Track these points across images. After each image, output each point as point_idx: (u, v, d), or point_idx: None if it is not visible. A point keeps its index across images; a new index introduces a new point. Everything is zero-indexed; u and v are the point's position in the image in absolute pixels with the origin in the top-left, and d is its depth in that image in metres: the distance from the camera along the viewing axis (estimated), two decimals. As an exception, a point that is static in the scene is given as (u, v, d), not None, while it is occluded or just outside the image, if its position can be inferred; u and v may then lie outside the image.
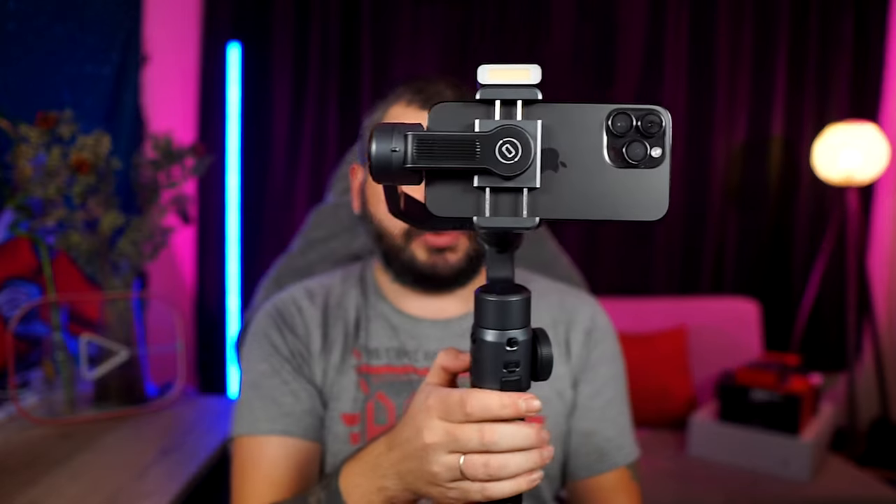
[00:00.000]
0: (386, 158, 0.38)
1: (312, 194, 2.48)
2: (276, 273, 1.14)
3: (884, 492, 1.77)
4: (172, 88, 2.29)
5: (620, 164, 0.39)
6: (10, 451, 1.02)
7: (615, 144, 0.39)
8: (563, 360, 0.85)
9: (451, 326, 0.85)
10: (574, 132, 0.39)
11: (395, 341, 0.84)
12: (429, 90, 0.79)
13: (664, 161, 0.39)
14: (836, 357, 2.61)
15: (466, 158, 0.37)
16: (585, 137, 0.39)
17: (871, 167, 2.30)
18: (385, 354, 0.83)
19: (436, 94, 0.78)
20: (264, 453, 0.75)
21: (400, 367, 0.82)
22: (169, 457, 1.03)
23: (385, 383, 0.81)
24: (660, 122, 0.38)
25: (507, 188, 0.38)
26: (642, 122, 0.38)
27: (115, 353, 1.22)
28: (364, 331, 0.84)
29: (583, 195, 0.39)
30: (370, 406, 0.80)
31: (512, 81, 0.38)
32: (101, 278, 1.25)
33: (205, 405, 1.33)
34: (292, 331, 0.83)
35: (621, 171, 0.39)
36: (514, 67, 0.39)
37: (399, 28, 2.51)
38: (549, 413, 0.82)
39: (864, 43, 2.57)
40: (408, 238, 0.78)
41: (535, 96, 0.39)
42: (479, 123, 0.38)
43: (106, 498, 0.87)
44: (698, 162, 2.61)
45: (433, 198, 0.39)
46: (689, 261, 2.64)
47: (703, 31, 2.57)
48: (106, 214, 1.20)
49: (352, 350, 0.83)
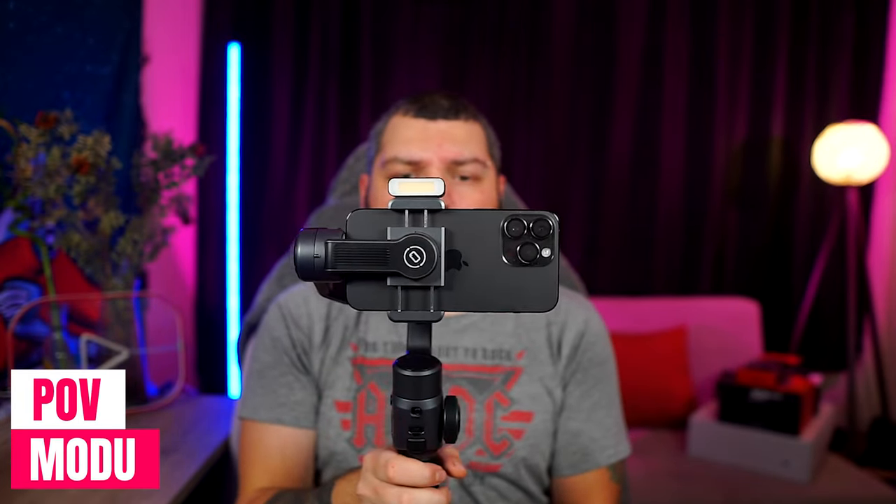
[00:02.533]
0: (309, 263, 0.44)
1: (312, 194, 2.48)
2: (279, 273, 1.14)
3: (884, 492, 1.77)
4: (172, 88, 2.29)
5: (515, 263, 0.45)
6: (9, 450, 1.02)
7: (510, 246, 0.44)
8: (553, 360, 0.88)
9: (450, 324, 0.89)
10: (475, 235, 0.45)
11: (394, 336, 0.88)
12: (424, 100, 0.85)
13: (553, 260, 0.44)
14: (836, 357, 2.60)
15: (378, 264, 0.43)
16: (485, 240, 0.45)
17: (871, 167, 2.30)
18: (382, 348, 0.87)
19: (431, 103, 0.84)
20: (262, 440, 0.85)
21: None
22: (169, 457, 1.03)
23: (377, 374, 0.86)
24: (549, 226, 0.44)
25: (416, 286, 0.44)
26: (534, 226, 0.44)
27: (115, 353, 1.22)
28: (364, 325, 0.89)
29: (482, 290, 0.45)
30: (362, 396, 0.85)
31: (419, 193, 0.44)
32: (101, 278, 1.25)
33: (205, 405, 1.33)
34: (296, 323, 0.89)
35: (516, 269, 0.45)
36: (420, 181, 0.44)
37: (399, 28, 2.51)
38: (538, 409, 0.85)
39: (865, 43, 2.57)
40: None
41: (439, 206, 0.44)
42: (391, 231, 0.44)
43: (106, 498, 0.87)
44: (698, 162, 2.61)
45: (353, 294, 0.46)
46: (689, 261, 2.64)
47: (703, 31, 2.57)
48: (106, 214, 1.20)
49: (349, 343, 0.88)
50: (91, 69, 1.64)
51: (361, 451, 0.83)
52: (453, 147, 0.82)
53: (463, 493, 0.83)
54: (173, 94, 2.30)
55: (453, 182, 0.83)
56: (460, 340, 0.88)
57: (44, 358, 1.22)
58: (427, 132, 0.83)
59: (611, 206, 2.61)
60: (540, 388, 0.86)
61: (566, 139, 2.59)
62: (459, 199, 0.83)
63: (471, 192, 0.83)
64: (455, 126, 0.84)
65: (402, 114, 0.86)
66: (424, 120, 0.84)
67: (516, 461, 0.84)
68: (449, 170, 0.82)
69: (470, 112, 0.87)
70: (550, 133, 2.58)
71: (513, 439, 0.84)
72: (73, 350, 1.23)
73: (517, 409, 0.85)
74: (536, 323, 0.90)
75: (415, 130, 0.83)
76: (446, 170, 0.82)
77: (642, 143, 2.61)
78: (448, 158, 0.82)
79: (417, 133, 0.83)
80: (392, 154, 0.83)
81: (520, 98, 2.55)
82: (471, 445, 0.84)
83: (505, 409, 0.84)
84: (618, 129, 2.60)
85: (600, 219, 2.62)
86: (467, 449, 0.83)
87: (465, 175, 0.83)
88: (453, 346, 0.87)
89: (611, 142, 2.60)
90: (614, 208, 2.61)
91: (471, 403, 0.85)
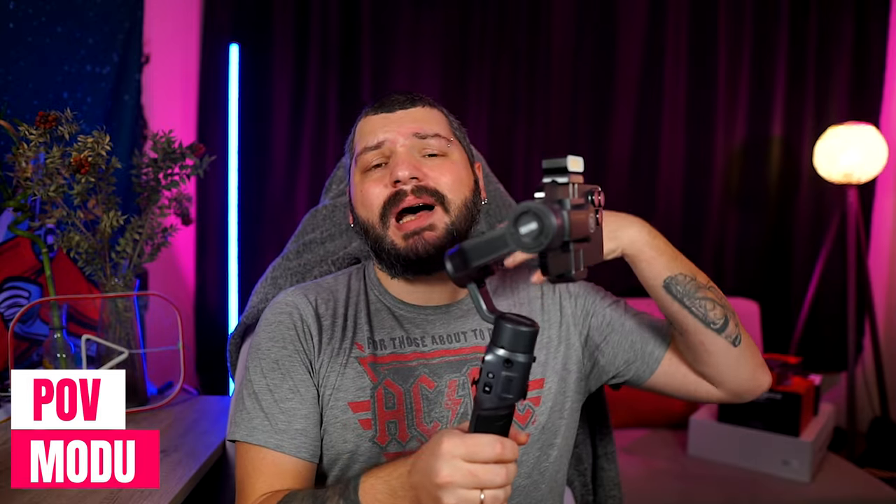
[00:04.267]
0: (561, 232, 0.52)
1: (312, 194, 2.47)
2: (272, 274, 1.14)
3: (883, 492, 1.77)
4: (172, 88, 2.29)
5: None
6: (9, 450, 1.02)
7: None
8: (561, 318, 0.92)
9: (452, 311, 0.90)
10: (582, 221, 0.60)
11: (400, 331, 0.89)
12: (381, 100, 0.90)
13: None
14: (836, 357, 2.60)
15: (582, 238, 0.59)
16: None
17: (871, 167, 2.30)
18: (391, 344, 0.87)
19: (387, 100, 0.89)
20: (264, 463, 0.81)
21: (407, 355, 0.87)
22: (169, 457, 1.03)
23: (392, 370, 0.86)
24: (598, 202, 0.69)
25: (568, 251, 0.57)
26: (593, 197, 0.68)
27: (115, 353, 1.22)
28: (368, 324, 0.89)
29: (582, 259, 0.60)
30: (379, 393, 0.84)
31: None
32: (101, 278, 1.25)
33: (205, 405, 1.33)
34: (296, 330, 0.87)
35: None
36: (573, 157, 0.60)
37: (399, 28, 2.50)
38: (547, 374, 0.89)
39: (864, 43, 2.57)
40: (384, 224, 0.84)
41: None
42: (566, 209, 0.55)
43: (106, 498, 0.87)
44: (698, 162, 2.61)
45: (553, 264, 0.58)
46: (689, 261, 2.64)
47: (703, 32, 2.57)
48: (106, 214, 1.20)
49: (355, 343, 0.87)
50: (91, 69, 1.64)
51: (386, 449, 0.83)
52: (413, 124, 0.86)
53: None
54: (173, 94, 2.30)
55: (422, 160, 0.85)
56: (465, 325, 0.90)
57: (44, 358, 1.22)
58: (388, 121, 0.87)
59: (610, 205, 2.59)
60: (545, 353, 0.89)
61: (566, 138, 2.59)
62: (431, 171, 0.84)
63: (440, 166, 0.85)
64: (413, 112, 0.88)
65: (364, 117, 0.91)
66: (384, 113, 0.88)
67: (539, 428, 0.86)
68: (414, 146, 0.85)
69: (427, 101, 0.91)
70: (550, 132, 2.58)
71: (533, 406, 0.86)
72: (73, 350, 1.23)
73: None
74: (531, 294, 0.94)
75: (376, 123, 0.88)
76: (411, 146, 0.85)
77: (642, 143, 2.60)
78: (409, 132, 0.85)
79: (379, 124, 0.87)
80: (360, 147, 0.87)
81: (520, 98, 2.55)
82: None
83: None
84: (617, 128, 2.60)
85: (600, 219, 2.61)
86: None
87: (431, 152, 0.86)
88: (462, 331, 0.89)
89: (610, 141, 2.60)
90: (614, 208, 2.59)
91: None
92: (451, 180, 0.85)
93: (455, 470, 0.58)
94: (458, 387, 0.85)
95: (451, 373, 0.86)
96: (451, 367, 0.86)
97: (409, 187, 0.82)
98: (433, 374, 0.86)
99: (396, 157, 0.84)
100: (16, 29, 1.36)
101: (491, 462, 0.59)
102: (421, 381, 0.85)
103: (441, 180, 0.84)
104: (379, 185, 0.84)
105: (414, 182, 0.82)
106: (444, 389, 0.85)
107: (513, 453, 0.60)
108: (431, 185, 0.83)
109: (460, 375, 0.86)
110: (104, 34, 1.69)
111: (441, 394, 0.85)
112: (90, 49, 1.63)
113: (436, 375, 0.86)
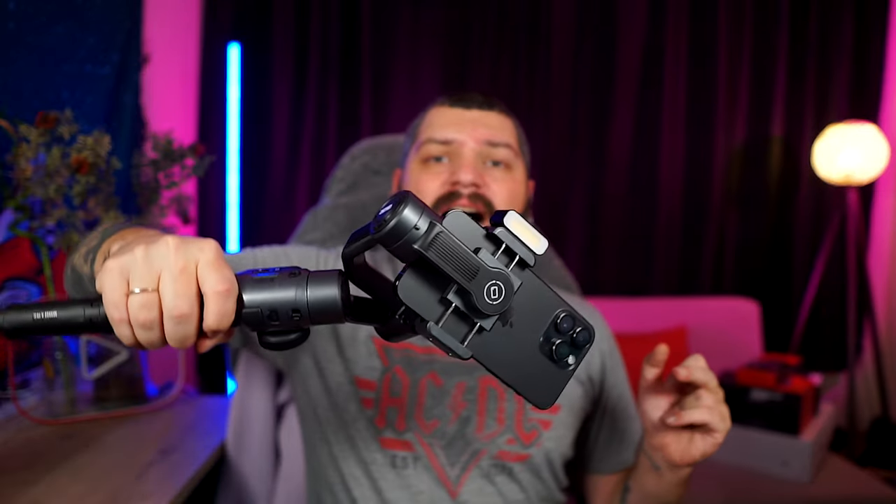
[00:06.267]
0: (405, 230, 0.40)
1: (312, 194, 2.48)
2: None
3: (883, 491, 1.77)
4: (172, 88, 2.29)
5: (544, 352, 0.45)
6: (10, 451, 1.02)
7: (550, 336, 0.44)
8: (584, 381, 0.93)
9: None
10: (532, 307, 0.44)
11: None
12: (460, 94, 0.90)
13: (570, 370, 0.45)
14: (836, 357, 2.60)
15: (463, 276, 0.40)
16: (535, 317, 0.44)
17: (871, 167, 2.30)
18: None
19: (466, 96, 0.88)
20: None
21: (419, 348, 0.87)
22: (169, 457, 1.03)
23: (405, 358, 0.86)
24: (588, 340, 0.45)
25: (466, 315, 0.42)
26: (578, 333, 0.45)
27: (115, 353, 1.22)
28: None
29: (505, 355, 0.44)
30: (387, 378, 0.85)
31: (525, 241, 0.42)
32: (101, 278, 1.25)
33: (205, 405, 1.33)
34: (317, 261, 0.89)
35: (540, 357, 0.44)
36: (534, 232, 0.42)
37: (399, 28, 2.51)
38: (563, 402, 0.89)
39: (864, 43, 2.57)
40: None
41: (531, 262, 0.43)
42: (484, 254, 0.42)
43: (106, 498, 0.87)
44: (698, 162, 2.61)
45: (407, 284, 0.42)
46: (689, 261, 2.64)
47: (703, 32, 2.57)
48: (106, 214, 1.20)
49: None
50: (91, 69, 1.64)
51: (382, 433, 0.83)
52: (487, 130, 0.86)
53: (484, 482, 0.83)
54: (173, 94, 2.30)
55: (485, 168, 0.85)
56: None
57: (44, 358, 1.22)
58: (462, 118, 0.87)
59: (611, 206, 2.61)
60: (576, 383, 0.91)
61: (566, 139, 2.59)
62: (492, 182, 0.84)
63: (503, 178, 0.85)
64: (489, 115, 0.88)
65: (438, 105, 0.90)
66: (460, 109, 0.88)
67: (543, 452, 0.86)
68: (482, 153, 0.85)
69: (504, 108, 0.91)
70: (550, 133, 2.58)
71: (541, 429, 0.86)
72: (73, 350, 1.23)
73: None
74: None
75: (450, 117, 0.87)
76: (480, 152, 0.85)
77: (642, 143, 2.61)
78: (482, 139, 0.85)
79: (453, 119, 0.87)
80: (427, 136, 0.87)
81: (520, 98, 2.55)
82: (502, 434, 0.85)
83: None
84: (618, 128, 2.60)
85: (600, 219, 2.62)
86: (498, 437, 0.84)
87: (497, 160, 0.86)
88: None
89: (611, 141, 2.60)
90: (614, 208, 2.61)
91: (502, 393, 0.86)
92: (507, 196, 0.85)
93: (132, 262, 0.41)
94: (465, 390, 0.85)
95: (462, 375, 0.86)
96: (463, 369, 0.86)
97: (467, 192, 0.82)
98: (444, 372, 0.86)
99: (462, 160, 0.84)
100: (16, 29, 1.36)
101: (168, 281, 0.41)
102: (430, 376, 0.85)
103: (498, 193, 0.84)
104: (437, 180, 0.84)
105: (473, 188, 0.82)
106: (450, 390, 0.85)
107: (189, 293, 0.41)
108: (488, 195, 0.84)
109: (470, 379, 0.86)
110: (104, 34, 1.69)
111: (447, 394, 0.85)
112: (90, 49, 1.63)
113: (446, 374, 0.86)
